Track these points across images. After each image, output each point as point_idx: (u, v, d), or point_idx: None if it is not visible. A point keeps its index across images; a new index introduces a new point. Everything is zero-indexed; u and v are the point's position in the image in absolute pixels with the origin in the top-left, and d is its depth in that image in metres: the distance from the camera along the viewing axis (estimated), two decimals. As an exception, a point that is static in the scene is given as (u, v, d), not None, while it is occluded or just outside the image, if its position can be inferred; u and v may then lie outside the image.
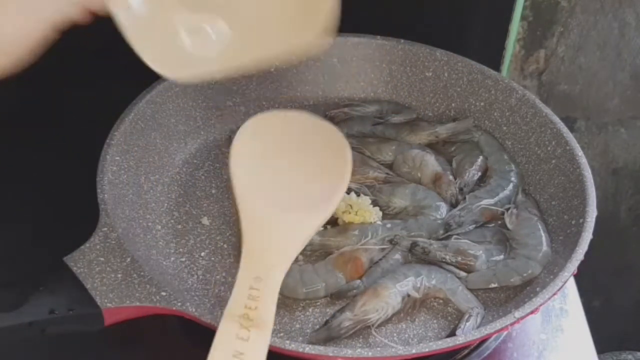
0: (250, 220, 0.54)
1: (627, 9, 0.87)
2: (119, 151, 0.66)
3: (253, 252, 0.52)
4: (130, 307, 0.52)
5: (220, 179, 0.73)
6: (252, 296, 0.48)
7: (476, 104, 0.77)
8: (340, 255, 0.63)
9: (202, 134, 0.77)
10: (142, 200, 0.67)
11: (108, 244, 0.56)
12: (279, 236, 0.53)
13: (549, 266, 0.61)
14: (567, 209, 0.65)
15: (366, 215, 0.66)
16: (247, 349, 0.46)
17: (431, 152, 0.73)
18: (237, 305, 0.48)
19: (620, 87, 0.95)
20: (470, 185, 0.70)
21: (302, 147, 0.59)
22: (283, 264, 0.51)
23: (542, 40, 0.90)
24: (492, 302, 0.61)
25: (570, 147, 0.67)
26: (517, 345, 0.62)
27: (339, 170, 0.57)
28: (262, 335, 0.46)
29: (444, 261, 0.62)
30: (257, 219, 0.54)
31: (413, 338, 0.58)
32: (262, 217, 0.54)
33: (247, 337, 0.46)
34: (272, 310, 0.48)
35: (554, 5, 0.87)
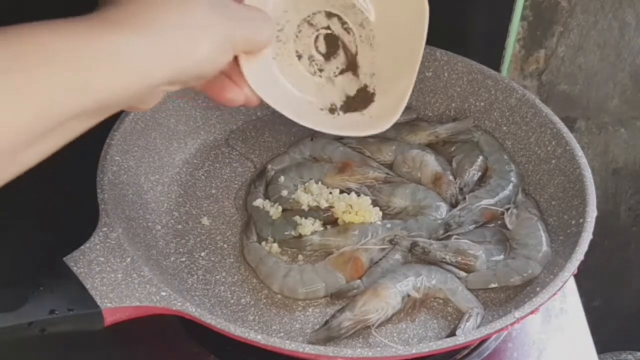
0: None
1: (627, 9, 0.87)
2: (119, 151, 0.66)
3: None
4: (130, 307, 0.52)
5: (220, 179, 0.73)
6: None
7: (476, 104, 0.77)
8: (340, 255, 0.63)
9: (202, 134, 0.77)
10: (142, 200, 0.67)
11: (108, 244, 0.56)
12: None
13: (549, 266, 0.61)
14: (567, 209, 0.65)
15: (366, 215, 0.66)
16: None
17: (431, 152, 0.73)
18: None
19: (620, 87, 0.95)
20: (470, 185, 0.70)
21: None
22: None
23: (542, 40, 0.90)
24: (492, 302, 0.61)
25: (570, 147, 0.67)
26: (517, 345, 0.62)
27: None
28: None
29: (444, 261, 0.62)
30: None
31: (413, 338, 0.58)
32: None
33: None
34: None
35: (554, 5, 0.87)
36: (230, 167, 0.74)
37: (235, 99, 0.50)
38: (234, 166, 0.75)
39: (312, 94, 0.56)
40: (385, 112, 0.56)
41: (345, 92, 0.57)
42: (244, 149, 0.77)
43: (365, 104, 0.57)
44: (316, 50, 0.55)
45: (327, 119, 0.57)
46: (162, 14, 0.41)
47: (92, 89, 0.38)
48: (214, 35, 0.44)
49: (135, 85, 0.40)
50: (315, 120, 0.56)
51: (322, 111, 0.57)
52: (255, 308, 0.60)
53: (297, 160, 0.74)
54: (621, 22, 0.88)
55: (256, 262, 0.63)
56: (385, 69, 0.56)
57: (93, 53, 0.38)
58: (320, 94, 0.56)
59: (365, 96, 0.57)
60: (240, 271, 0.64)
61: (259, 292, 0.62)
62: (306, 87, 0.56)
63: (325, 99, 0.56)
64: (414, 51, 0.55)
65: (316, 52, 0.55)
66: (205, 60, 0.44)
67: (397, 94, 0.56)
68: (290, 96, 0.55)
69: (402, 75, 0.55)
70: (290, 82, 0.55)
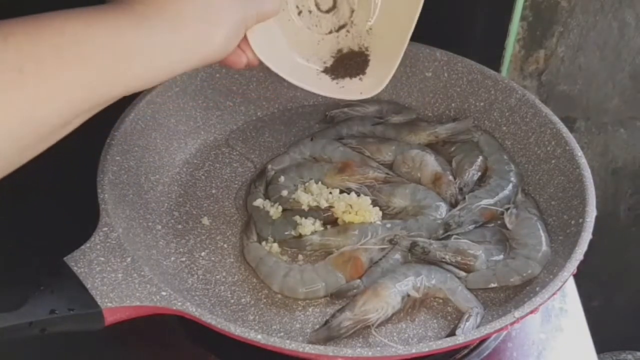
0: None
1: (627, 9, 0.87)
2: (119, 151, 0.66)
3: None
4: (130, 307, 0.52)
5: (220, 179, 0.73)
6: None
7: (476, 104, 0.77)
8: (340, 255, 0.63)
9: (202, 134, 0.77)
10: (142, 200, 0.67)
11: (108, 244, 0.56)
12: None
13: (549, 266, 0.61)
14: (567, 209, 0.65)
15: (366, 215, 0.66)
16: None
17: (431, 152, 0.73)
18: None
19: (619, 87, 0.96)
20: (470, 185, 0.70)
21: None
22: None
23: (542, 40, 0.90)
24: (492, 302, 0.61)
25: (570, 147, 0.67)
26: (516, 345, 0.62)
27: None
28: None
29: (444, 261, 0.62)
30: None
31: (413, 338, 0.58)
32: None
33: None
34: None
35: (554, 6, 0.87)
36: (230, 167, 0.75)
37: (238, 61, 0.52)
38: (234, 166, 0.75)
39: (309, 49, 0.59)
40: (377, 76, 0.59)
41: (340, 48, 0.60)
42: (244, 149, 0.77)
43: (360, 68, 0.60)
44: (315, 6, 0.58)
45: (323, 82, 0.60)
46: (187, 5, 0.43)
47: (123, 81, 0.40)
48: (231, 22, 0.46)
49: (162, 76, 0.42)
50: (312, 82, 0.59)
51: (319, 74, 0.59)
52: (255, 308, 0.61)
53: (297, 160, 0.74)
54: (621, 22, 0.89)
55: (256, 262, 0.63)
56: (381, 29, 0.59)
57: (127, 47, 0.39)
58: (317, 50, 0.59)
59: (360, 60, 0.60)
60: (240, 271, 0.64)
61: (259, 292, 0.62)
62: (303, 42, 0.59)
63: (321, 55, 0.59)
64: (409, 15, 0.57)
65: (315, 7, 0.58)
66: (222, 46, 0.46)
67: (390, 56, 0.58)
68: (289, 58, 0.58)
69: (396, 38, 0.58)
70: (289, 38, 0.58)
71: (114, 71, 0.39)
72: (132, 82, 0.40)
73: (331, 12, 0.59)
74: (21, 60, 0.35)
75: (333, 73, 0.61)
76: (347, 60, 0.61)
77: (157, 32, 0.41)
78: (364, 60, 0.61)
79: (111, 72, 0.39)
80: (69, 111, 0.38)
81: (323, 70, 0.61)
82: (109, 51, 0.38)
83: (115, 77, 0.39)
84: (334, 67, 0.61)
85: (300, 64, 0.60)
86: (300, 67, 0.60)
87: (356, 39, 0.60)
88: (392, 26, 0.59)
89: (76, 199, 0.65)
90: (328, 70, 0.61)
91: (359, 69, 0.61)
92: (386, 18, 0.59)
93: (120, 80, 0.40)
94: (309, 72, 0.60)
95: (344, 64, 0.61)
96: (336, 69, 0.61)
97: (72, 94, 0.37)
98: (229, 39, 0.46)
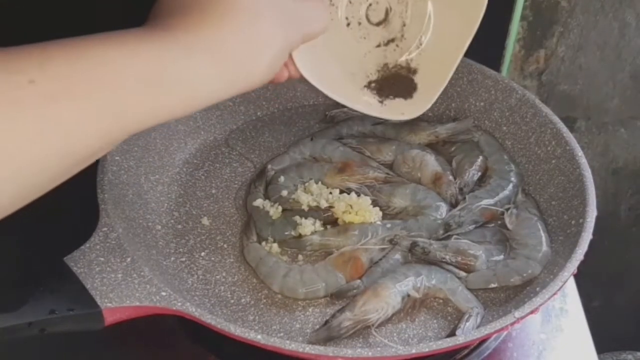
0: None
1: (628, 9, 0.87)
2: (119, 151, 0.66)
3: None
4: (130, 307, 0.52)
5: (220, 179, 0.73)
6: None
7: (476, 104, 0.77)
8: (340, 255, 0.63)
9: (202, 134, 0.77)
10: (142, 200, 0.67)
11: (108, 244, 0.56)
12: None
13: (549, 266, 0.61)
14: (567, 209, 0.65)
15: (366, 215, 0.66)
16: None
17: (431, 152, 0.73)
18: None
19: (620, 87, 0.95)
20: (470, 185, 0.70)
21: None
22: None
23: (542, 40, 0.90)
24: (492, 302, 0.61)
25: (570, 147, 0.67)
26: (517, 345, 0.62)
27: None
28: None
29: (444, 261, 0.62)
30: None
31: (413, 338, 0.58)
32: None
33: None
34: None
35: (554, 5, 0.87)
36: (230, 167, 0.75)
37: (280, 77, 0.50)
38: (234, 166, 0.75)
39: (354, 62, 0.55)
40: (421, 98, 0.57)
41: (387, 62, 0.56)
42: (244, 149, 0.77)
43: (407, 91, 0.57)
44: (366, 18, 0.55)
45: (366, 98, 0.56)
46: (231, 35, 0.40)
47: (158, 112, 0.38)
48: (275, 50, 0.43)
49: (198, 107, 0.40)
50: (354, 98, 0.56)
51: (362, 89, 0.56)
52: (255, 308, 0.60)
53: (297, 160, 0.74)
54: (621, 22, 0.88)
55: (256, 262, 0.63)
56: (432, 47, 0.56)
57: (167, 79, 0.37)
58: (362, 63, 0.56)
59: (407, 81, 0.57)
60: (240, 271, 0.64)
61: (259, 292, 0.62)
62: (349, 55, 0.55)
63: (366, 69, 0.56)
64: (461, 37, 0.55)
65: (365, 19, 0.55)
66: (265, 75, 0.44)
67: (436, 78, 0.56)
68: (333, 72, 0.55)
69: (445, 58, 0.55)
70: (334, 50, 0.54)
71: (150, 103, 0.37)
72: (167, 113, 0.39)
73: (382, 24, 0.56)
74: (57, 89, 0.33)
75: (378, 90, 0.58)
76: (394, 80, 0.58)
77: (199, 64, 0.39)
78: (410, 82, 0.58)
79: (147, 103, 0.37)
80: (97, 141, 0.36)
81: (367, 84, 0.58)
82: (147, 83, 0.37)
83: (150, 109, 0.38)
84: (379, 84, 0.58)
85: (344, 78, 0.56)
86: (343, 82, 0.56)
87: (405, 54, 0.57)
88: (442, 46, 0.56)
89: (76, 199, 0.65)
90: (372, 86, 0.58)
91: (406, 91, 0.58)
92: (438, 36, 0.56)
93: (155, 111, 0.38)
94: (352, 87, 0.57)
95: (390, 84, 0.58)
96: (382, 88, 0.58)
97: (102, 124, 0.36)
98: (272, 67, 0.44)
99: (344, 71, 0.56)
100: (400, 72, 0.58)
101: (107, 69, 0.35)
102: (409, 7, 0.55)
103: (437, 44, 0.56)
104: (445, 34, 0.55)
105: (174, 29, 0.39)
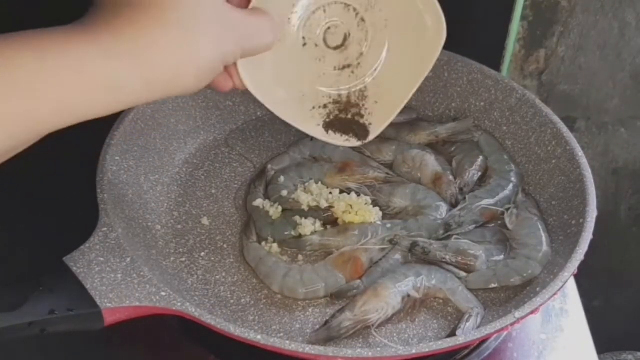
0: None
1: (628, 8, 0.87)
2: (119, 151, 0.66)
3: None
4: (130, 307, 0.52)
5: (220, 179, 0.73)
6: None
7: (476, 104, 0.77)
8: (340, 255, 0.63)
9: (202, 134, 0.77)
10: (142, 200, 0.67)
11: (108, 244, 0.56)
12: None
13: (549, 266, 0.61)
14: (567, 209, 0.65)
15: (366, 215, 0.66)
16: None
17: (431, 152, 0.73)
18: None
19: (620, 87, 0.95)
20: (470, 185, 0.70)
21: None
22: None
23: (542, 40, 0.90)
24: (492, 302, 0.61)
25: (571, 147, 0.67)
26: (517, 345, 0.62)
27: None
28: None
29: (444, 261, 0.62)
30: None
31: (413, 338, 0.58)
32: None
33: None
34: None
35: (554, 5, 0.87)
36: (230, 167, 0.74)
37: (223, 85, 0.49)
38: (234, 166, 0.75)
39: (306, 82, 0.55)
40: (375, 122, 0.57)
41: (340, 90, 0.56)
42: (243, 149, 0.77)
43: (354, 132, 0.57)
44: (323, 41, 0.54)
45: (314, 120, 0.56)
46: (162, 39, 0.39)
47: (75, 113, 0.37)
48: (206, 61, 0.42)
49: (118, 108, 0.39)
50: (303, 119, 0.55)
51: (311, 110, 0.56)
52: (255, 308, 0.60)
53: (297, 160, 0.74)
54: (621, 22, 0.88)
55: (256, 262, 0.63)
56: (387, 78, 0.55)
57: (85, 82, 0.37)
58: (315, 84, 0.55)
59: (356, 124, 0.57)
60: (240, 271, 0.64)
61: (259, 292, 0.62)
62: (302, 75, 0.55)
63: (318, 90, 0.56)
64: (421, 68, 0.55)
65: (323, 42, 0.54)
66: (192, 85, 0.42)
67: (389, 106, 0.56)
68: (281, 90, 0.54)
69: (401, 88, 0.55)
70: (284, 68, 0.53)
71: (68, 105, 0.36)
72: (86, 113, 0.38)
73: (339, 49, 0.55)
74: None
75: (328, 124, 0.57)
76: (345, 122, 0.57)
77: (122, 69, 0.37)
78: (360, 127, 0.58)
79: (64, 105, 0.36)
80: (10, 142, 0.35)
81: (317, 107, 0.57)
82: (64, 86, 0.36)
83: (68, 110, 0.37)
84: (330, 119, 0.57)
85: (293, 97, 0.55)
86: (292, 100, 0.55)
87: (359, 81, 0.56)
88: (396, 79, 0.55)
89: (76, 198, 0.65)
90: (322, 113, 0.57)
91: (353, 133, 0.58)
92: (392, 69, 0.55)
93: (72, 113, 0.37)
94: (300, 107, 0.56)
95: (340, 123, 0.57)
96: (332, 123, 0.57)
97: (15, 127, 0.35)
98: (200, 75, 0.42)
99: (294, 90, 0.55)
100: (352, 118, 0.57)
101: (21, 72, 0.35)
102: (369, 36, 0.54)
103: (390, 76, 0.55)
104: (400, 68, 0.55)
105: (100, 28, 0.38)
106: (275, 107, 0.54)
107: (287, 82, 0.55)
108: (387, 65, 0.55)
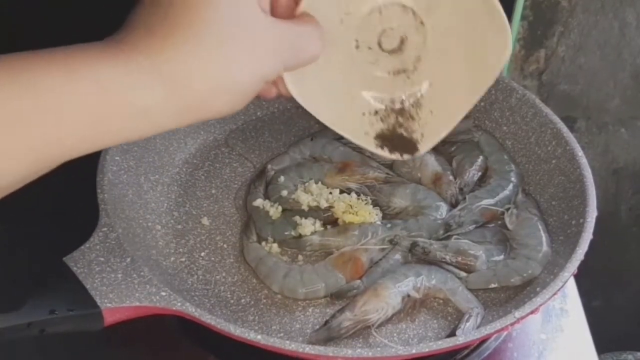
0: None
1: (628, 8, 0.87)
2: (119, 151, 0.66)
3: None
4: (130, 307, 0.52)
5: (220, 178, 0.73)
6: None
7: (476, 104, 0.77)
8: (340, 255, 0.63)
9: (202, 134, 0.77)
10: (142, 200, 0.67)
11: (108, 244, 0.56)
12: None
13: (549, 266, 0.61)
14: (567, 209, 0.65)
15: (366, 215, 0.66)
16: None
17: (431, 152, 0.73)
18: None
19: (620, 87, 0.95)
20: (470, 185, 0.70)
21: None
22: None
23: (543, 40, 0.90)
24: (492, 302, 0.61)
25: (571, 147, 0.67)
26: (517, 345, 0.62)
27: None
28: None
29: (444, 261, 0.62)
30: None
31: (413, 338, 0.58)
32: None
33: None
34: None
35: (554, 5, 0.87)
36: (230, 167, 0.74)
37: (268, 93, 0.46)
38: (234, 166, 0.75)
39: (357, 87, 0.51)
40: (428, 133, 0.52)
41: (393, 95, 0.51)
42: (243, 149, 0.77)
43: (406, 149, 0.52)
44: (377, 43, 0.50)
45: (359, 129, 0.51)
46: (195, 64, 0.36)
47: (94, 142, 0.35)
48: (243, 85, 0.38)
49: (142, 137, 0.37)
50: (354, 128, 0.51)
51: (362, 118, 0.51)
52: (255, 308, 0.60)
53: (297, 160, 0.74)
54: (622, 22, 0.88)
55: (256, 262, 0.63)
56: (445, 88, 0.51)
57: (108, 111, 0.34)
58: (366, 89, 0.51)
59: (409, 141, 0.52)
60: (240, 271, 0.64)
61: (259, 292, 0.62)
62: (352, 78, 0.50)
63: (369, 96, 0.51)
64: (482, 80, 0.51)
65: (377, 46, 0.50)
66: (225, 111, 0.39)
67: (445, 117, 0.51)
68: (330, 99, 0.50)
69: (459, 99, 0.51)
70: (334, 73, 0.49)
71: (87, 133, 0.34)
72: (104, 142, 0.36)
73: (394, 53, 0.50)
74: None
75: (378, 134, 0.52)
76: (396, 139, 0.53)
77: (150, 97, 0.35)
78: (411, 144, 0.53)
79: (83, 133, 0.34)
80: (24, 171, 0.34)
81: (368, 113, 0.52)
82: (87, 113, 0.34)
83: (94, 136, 0.35)
84: (380, 128, 0.52)
85: (342, 102, 0.51)
86: (341, 106, 0.51)
87: (414, 88, 0.51)
88: (452, 89, 0.51)
89: (76, 199, 0.65)
90: (372, 120, 0.52)
91: (405, 149, 0.53)
92: (450, 82, 0.51)
93: (99, 139, 0.35)
94: (349, 113, 0.52)
95: (391, 140, 0.52)
96: (382, 133, 0.52)
97: (39, 154, 0.33)
98: (235, 104, 0.38)
99: (344, 94, 0.51)
100: (403, 138, 0.52)
101: (42, 97, 0.32)
102: (427, 40, 0.49)
103: (449, 86, 0.51)
104: (460, 78, 0.51)
105: (128, 56, 0.35)
106: (323, 115, 0.50)
107: (337, 87, 0.50)
108: (447, 74, 0.51)
